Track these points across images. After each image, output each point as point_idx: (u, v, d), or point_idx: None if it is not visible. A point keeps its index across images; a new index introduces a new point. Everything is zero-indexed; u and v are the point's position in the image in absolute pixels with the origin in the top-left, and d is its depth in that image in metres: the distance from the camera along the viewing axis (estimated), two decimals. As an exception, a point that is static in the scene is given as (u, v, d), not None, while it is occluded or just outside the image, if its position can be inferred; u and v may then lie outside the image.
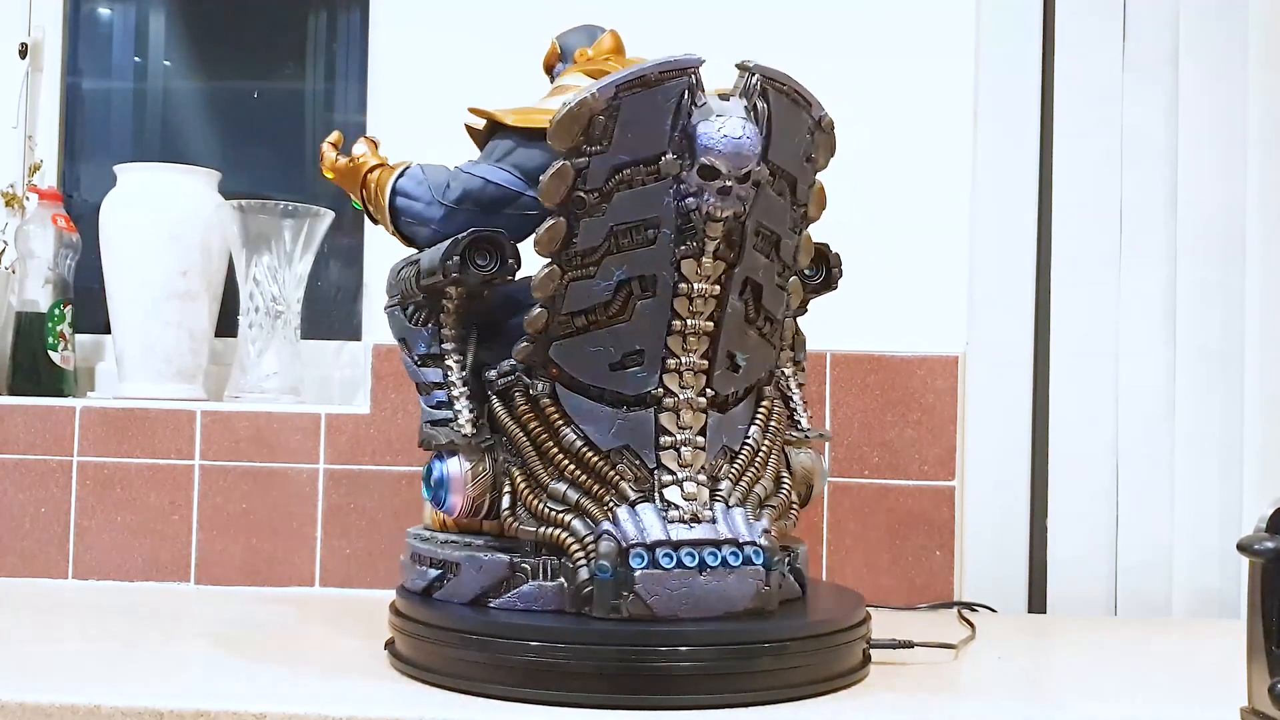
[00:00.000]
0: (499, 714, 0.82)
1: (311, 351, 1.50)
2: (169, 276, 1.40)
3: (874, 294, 1.26)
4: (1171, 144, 1.32)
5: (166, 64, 1.69)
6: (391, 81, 1.37)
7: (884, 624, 1.01)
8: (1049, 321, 1.34)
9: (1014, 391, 1.34)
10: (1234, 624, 1.07)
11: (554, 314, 0.88)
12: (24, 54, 1.56)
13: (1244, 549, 0.72)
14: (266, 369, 1.39)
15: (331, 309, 1.58)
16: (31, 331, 1.45)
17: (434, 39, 1.36)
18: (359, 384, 1.42)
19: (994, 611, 1.28)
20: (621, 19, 1.06)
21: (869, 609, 0.97)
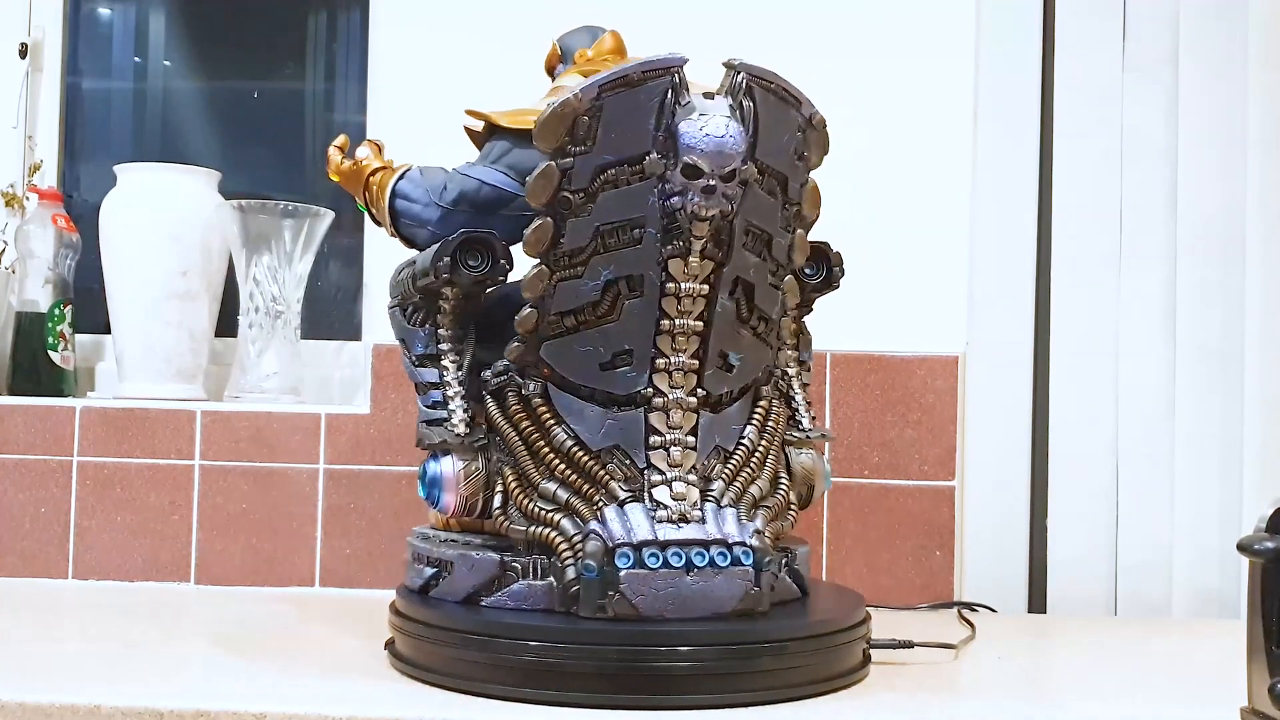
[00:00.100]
0: (499, 714, 0.82)
1: (311, 351, 1.50)
2: (169, 276, 1.40)
3: (874, 294, 1.26)
4: (1171, 144, 1.32)
5: (166, 64, 1.69)
6: (391, 81, 1.37)
7: (884, 624, 1.01)
8: (1049, 321, 1.34)
9: (1014, 391, 1.34)
10: (1234, 624, 1.07)
11: (544, 314, 0.88)
12: (24, 54, 1.56)
13: (1244, 549, 0.72)
14: (266, 369, 1.39)
15: (331, 309, 1.58)
16: (31, 331, 1.45)
17: (434, 39, 1.36)
18: (359, 384, 1.42)
19: (994, 611, 1.27)
20: (621, 19, 1.06)
21: (869, 609, 0.97)
